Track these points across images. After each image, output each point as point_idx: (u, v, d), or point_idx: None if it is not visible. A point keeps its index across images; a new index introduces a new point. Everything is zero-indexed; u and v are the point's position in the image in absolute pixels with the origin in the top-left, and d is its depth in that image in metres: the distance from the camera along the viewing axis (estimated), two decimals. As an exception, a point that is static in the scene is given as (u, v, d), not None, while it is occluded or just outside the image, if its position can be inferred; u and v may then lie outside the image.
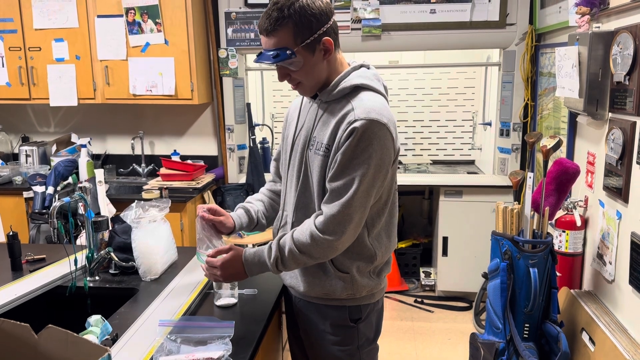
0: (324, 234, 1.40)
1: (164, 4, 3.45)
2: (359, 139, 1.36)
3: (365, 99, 1.42)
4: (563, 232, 2.58)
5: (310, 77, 1.45)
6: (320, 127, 1.48)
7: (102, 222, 1.90)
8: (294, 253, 1.44)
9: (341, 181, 1.39)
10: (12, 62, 3.67)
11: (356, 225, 1.42)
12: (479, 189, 3.61)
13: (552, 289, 2.43)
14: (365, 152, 1.37)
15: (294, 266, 1.49)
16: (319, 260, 1.47)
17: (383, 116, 1.39)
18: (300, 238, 1.44)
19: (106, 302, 1.76)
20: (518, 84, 3.55)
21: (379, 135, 1.37)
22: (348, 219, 1.40)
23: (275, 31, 1.37)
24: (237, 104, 3.83)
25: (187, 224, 3.38)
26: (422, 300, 3.76)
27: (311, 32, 1.38)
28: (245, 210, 1.71)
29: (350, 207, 1.39)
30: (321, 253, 1.43)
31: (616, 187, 2.19)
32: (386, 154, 1.40)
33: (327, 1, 1.43)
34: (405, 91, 4.33)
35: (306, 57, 1.41)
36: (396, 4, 3.54)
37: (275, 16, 1.36)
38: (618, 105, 2.17)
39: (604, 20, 2.35)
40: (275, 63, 1.41)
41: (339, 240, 1.41)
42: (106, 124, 4.05)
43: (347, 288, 1.52)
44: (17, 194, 3.49)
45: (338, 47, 1.48)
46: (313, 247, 1.42)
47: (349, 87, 1.45)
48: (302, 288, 1.57)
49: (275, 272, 1.50)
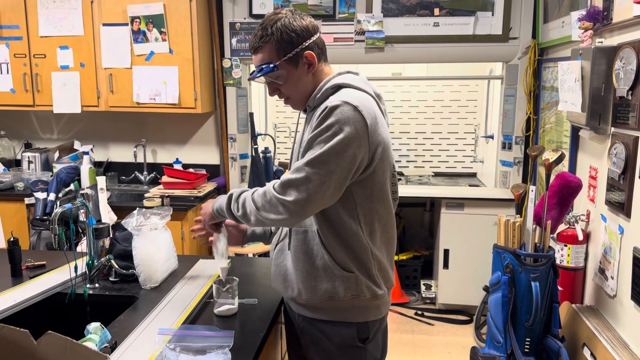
0: (274, 189, 1.42)
1: (169, 14, 3.48)
2: (326, 115, 1.39)
3: (345, 92, 1.45)
4: (565, 246, 2.57)
5: (296, 90, 1.53)
6: (307, 130, 1.52)
7: (103, 229, 1.90)
8: (245, 198, 1.50)
9: (306, 153, 1.41)
10: (16, 69, 3.69)
11: (309, 198, 1.37)
12: (480, 202, 3.60)
13: (554, 303, 2.42)
14: (331, 127, 1.38)
15: (240, 207, 1.51)
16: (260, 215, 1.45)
17: (359, 103, 1.40)
18: (258, 190, 1.49)
19: (106, 310, 1.75)
20: (520, 98, 3.56)
21: (348, 115, 1.37)
22: (299, 182, 1.38)
23: (261, 48, 1.49)
24: (240, 113, 3.84)
25: (188, 232, 3.37)
26: (423, 313, 3.75)
27: (292, 47, 1.47)
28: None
29: (305, 171, 1.38)
30: (264, 206, 1.43)
31: (618, 202, 2.19)
32: (355, 137, 1.37)
33: (311, 19, 1.52)
34: (408, 103, 4.34)
35: (290, 70, 1.49)
36: (400, 17, 3.56)
37: (260, 34, 1.49)
38: (621, 120, 2.17)
39: (607, 36, 2.36)
40: (260, 75, 1.50)
41: (286, 201, 1.39)
42: (109, 131, 4.06)
43: (350, 288, 1.49)
44: (19, 200, 3.49)
45: (324, 60, 1.56)
46: (261, 198, 1.44)
47: (330, 87, 1.49)
48: (305, 295, 1.52)
49: (229, 215, 1.56)
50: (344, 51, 3.59)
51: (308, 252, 1.51)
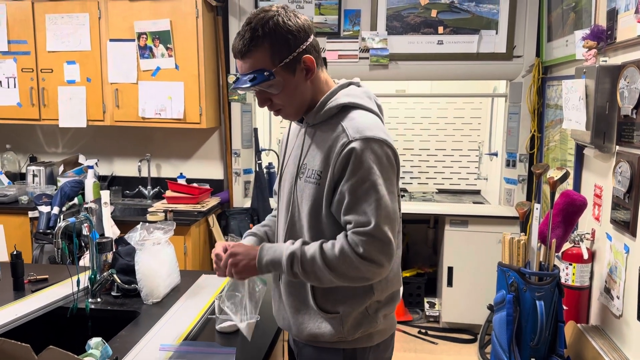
0: (358, 255, 1.25)
1: (175, 30, 3.51)
2: (360, 161, 1.25)
3: (357, 117, 1.32)
4: (570, 265, 2.55)
5: (292, 100, 1.35)
6: (310, 153, 1.37)
7: (106, 243, 1.90)
8: (316, 261, 1.28)
9: (357, 214, 1.27)
10: (23, 83, 3.72)
11: (389, 255, 1.27)
12: (484, 219, 3.59)
13: (559, 323, 2.39)
14: (371, 175, 1.26)
15: (310, 276, 1.30)
16: (341, 281, 1.29)
17: (378, 132, 1.29)
18: (328, 249, 1.29)
19: (107, 325, 1.74)
20: (524, 115, 3.57)
21: (379, 153, 1.27)
22: (380, 246, 1.25)
23: (250, 52, 1.29)
24: (245, 128, 3.85)
25: (191, 247, 3.36)
26: (426, 331, 3.71)
27: (290, 51, 1.29)
28: (253, 234, 1.60)
29: (382, 234, 1.25)
30: (347, 273, 1.27)
31: (624, 221, 2.17)
32: (392, 172, 1.30)
33: (306, 17, 1.35)
34: (412, 120, 4.35)
35: (286, 78, 1.31)
36: (404, 35, 3.59)
37: (248, 37, 1.28)
38: (625, 139, 2.17)
39: (611, 54, 2.37)
40: (253, 85, 1.29)
41: (374, 267, 1.26)
42: (114, 145, 4.08)
43: (337, 331, 1.35)
44: (23, 214, 3.50)
45: (321, 65, 1.39)
46: (340, 262, 1.26)
47: (335, 106, 1.35)
48: (293, 330, 1.44)
49: (289, 275, 1.32)
50: (348, 68, 3.61)
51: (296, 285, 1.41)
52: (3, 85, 3.75)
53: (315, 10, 3.61)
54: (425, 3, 3.53)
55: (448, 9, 3.52)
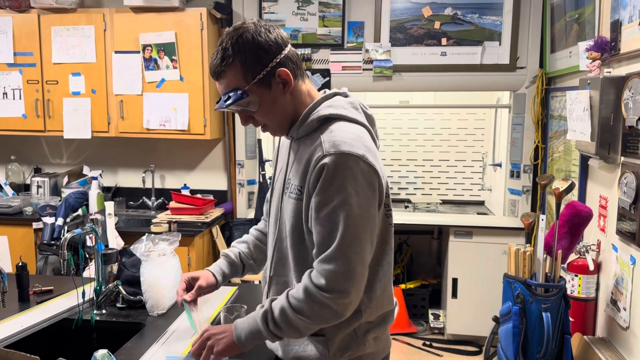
0: (320, 289, 1.20)
1: (180, 42, 3.53)
2: (330, 177, 1.19)
3: (336, 129, 1.25)
4: (575, 276, 2.53)
5: (273, 116, 1.31)
6: (294, 168, 1.33)
7: (111, 254, 1.89)
8: (286, 312, 1.24)
9: (320, 235, 1.22)
10: (29, 95, 3.75)
11: (357, 282, 1.21)
12: (489, 230, 3.58)
13: (565, 335, 2.37)
14: (341, 192, 1.18)
15: (289, 330, 1.26)
16: (318, 324, 1.25)
17: (356, 147, 1.21)
18: (294, 294, 1.24)
19: (113, 337, 1.74)
20: (528, 126, 3.57)
21: (353, 170, 1.19)
22: (345, 273, 1.19)
23: (224, 72, 1.26)
24: (249, 139, 3.86)
25: (195, 258, 3.36)
26: (431, 343, 3.69)
27: (262, 66, 1.25)
28: (224, 256, 1.59)
29: (347, 260, 1.19)
30: (318, 313, 1.22)
31: (630, 232, 2.16)
32: (369, 190, 1.22)
33: (279, 30, 1.30)
34: (415, 131, 4.35)
35: (262, 94, 1.27)
36: (407, 46, 3.60)
37: (220, 56, 1.26)
38: (630, 150, 2.17)
39: (615, 65, 2.38)
40: (229, 105, 1.26)
41: (339, 298, 1.20)
42: (118, 157, 4.09)
43: (322, 354, 1.31)
44: (27, 225, 3.50)
45: (302, 76, 1.33)
46: (308, 304, 1.21)
47: (317, 119, 1.29)
48: (280, 351, 1.39)
49: (271, 337, 1.28)
50: (352, 79, 3.63)
51: None
52: (8, 96, 3.77)
53: (319, 22, 3.63)
54: (429, 15, 3.55)
55: (451, 21, 3.54)
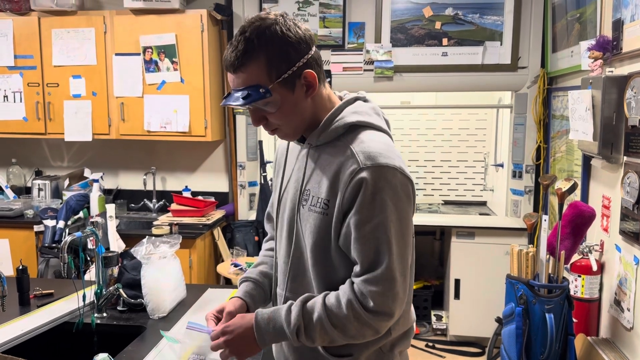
0: (367, 310, 1.13)
1: (180, 44, 3.53)
2: (372, 192, 1.11)
3: (367, 140, 1.17)
4: (579, 277, 2.52)
5: (291, 120, 1.19)
6: (314, 177, 1.22)
7: (112, 257, 1.89)
8: (323, 324, 1.14)
9: (364, 254, 1.14)
10: (29, 98, 3.74)
11: (401, 301, 1.16)
12: (491, 231, 3.56)
13: (569, 336, 2.36)
14: (383, 209, 1.12)
15: (320, 341, 1.17)
16: (353, 340, 1.17)
17: (391, 159, 1.14)
18: (334, 309, 1.15)
19: (113, 340, 1.73)
20: (530, 126, 3.56)
21: (392, 183, 1.12)
22: (392, 295, 1.13)
23: (244, 66, 1.12)
24: (250, 141, 3.85)
25: (196, 260, 3.35)
26: (434, 344, 3.67)
27: (289, 65, 1.13)
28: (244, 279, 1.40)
29: (393, 281, 1.13)
30: (359, 331, 1.15)
31: (633, 232, 2.15)
32: (408, 204, 1.16)
33: (307, 27, 1.19)
34: (417, 131, 4.34)
35: (285, 95, 1.15)
36: (408, 47, 3.59)
37: (242, 48, 1.12)
38: (633, 149, 2.15)
39: (617, 65, 2.36)
40: (247, 103, 1.13)
41: (384, 320, 1.14)
42: (119, 159, 4.09)
43: None
44: (28, 228, 3.49)
45: (324, 80, 1.23)
46: (350, 322, 1.13)
47: (342, 126, 1.20)
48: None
49: (296, 342, 1.18)
50: (353, 80, 3.62)
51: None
52: (9, 99, 3.77)
53: (320, 23, 3.62)
54: (430, 15, 3.54)
55: (452, 21, 3.53)
